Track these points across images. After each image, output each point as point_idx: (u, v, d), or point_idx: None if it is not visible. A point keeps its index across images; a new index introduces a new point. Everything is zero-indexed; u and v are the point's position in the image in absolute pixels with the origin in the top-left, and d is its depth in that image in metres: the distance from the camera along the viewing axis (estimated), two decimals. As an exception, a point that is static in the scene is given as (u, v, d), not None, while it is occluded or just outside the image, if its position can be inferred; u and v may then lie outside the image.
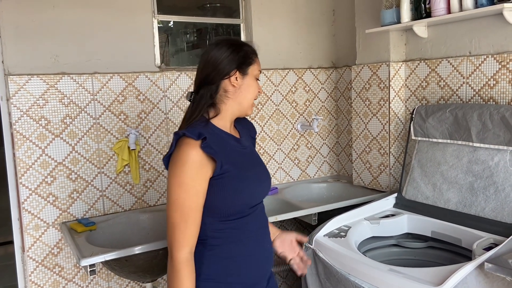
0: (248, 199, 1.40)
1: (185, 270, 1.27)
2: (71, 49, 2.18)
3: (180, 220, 1.26)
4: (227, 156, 1.33)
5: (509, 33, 1.96)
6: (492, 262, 1.47)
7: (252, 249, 1.43)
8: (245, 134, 1.53)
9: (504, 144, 1.87)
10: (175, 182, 1.26)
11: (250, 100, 1.42)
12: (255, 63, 1.43)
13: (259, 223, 1.47)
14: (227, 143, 1.38)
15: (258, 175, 1.45)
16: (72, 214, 2.24)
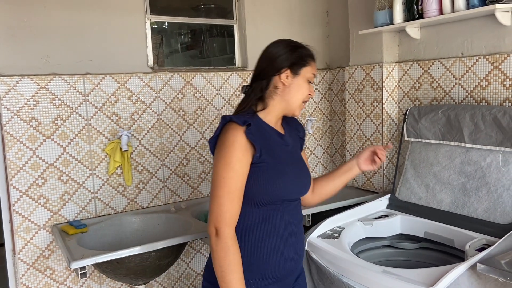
0: (281, 192, 1.41)
1: (235, 246, 1.31)
2: (63, 49, 2.16)
3: (226, 199, 1.30)
4: (267, 147, 1.38)
5: (501, 34, 1.97)
6: (484, 263, 1.46)
7: (279, 242, 1.43)
8: (292, 133, 1.55)
9: (496, 144, 1.87)
10: (222, 162, 1.31)
11: (298, 101, 1.44)
12: (309, 65, 1.46)
13: (291, 220, 1.46)
14: (270, 136, 1.43)
15: (296, 173, 1.47)
16: (64, 216, 2.21)
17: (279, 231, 1.43)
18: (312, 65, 1.46)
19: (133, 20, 2.33)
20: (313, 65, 1.47)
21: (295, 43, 1.48)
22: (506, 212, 1.81)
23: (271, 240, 1.42)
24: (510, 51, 1.95)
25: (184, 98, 2.49)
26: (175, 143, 2.49)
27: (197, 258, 2.61)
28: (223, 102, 2.62)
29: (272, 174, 1.38)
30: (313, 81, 1.47)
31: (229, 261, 1.29)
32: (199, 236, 1.97)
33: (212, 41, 3.04)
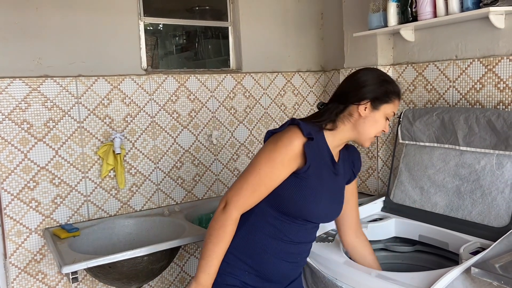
0: (307, 212, 1.40)
1: (230, 227, 1.35)
2: (55, 51, 2.14)
3: (250, 188, 1.34)
4: (316, 166, 1.38)
5: (495, 36, 1.97)
6: (478, 266, 1.46)
7: (281, 254, 1.45)
8: (346, 163, 1.55)
9: (490, 147, 1.87)
10: (267, 156, 1.34)
11: (370, 134, 1.43)
12: (391, 103, 1.44)
13: (301, 238, 1.48)
14: (323, 157, 1.42)
15: (330, 201, 1.46)
16: (56, 219, 2.19)
17: (287, 244, 1.45)
18: (395, 103, 1.44)
19: (126, 22, 2.32)
20: (396, 103, 1.45)
21: (385, 77, 1.45)
22: (500, 215, 1.81)
23: (276, 248, 1.44)
24: (504, 54, 1.95)
25: (178, 100, 2.47)
26: (169, 146, 2.47)
27: (191, 261, 2.59)
28: (218, 104, 2.61)
29: (309, 192, 1.38)
30: (391, 118, 1.46)
31: (219, 235, 1.34)
32: (193, 240, 1.95)
33: (207, 43, 3.03)
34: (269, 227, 1.42)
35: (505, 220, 1.79)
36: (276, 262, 1.45)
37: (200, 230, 2.05)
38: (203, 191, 2.61)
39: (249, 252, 1.43)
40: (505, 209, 1.80)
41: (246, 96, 2.69)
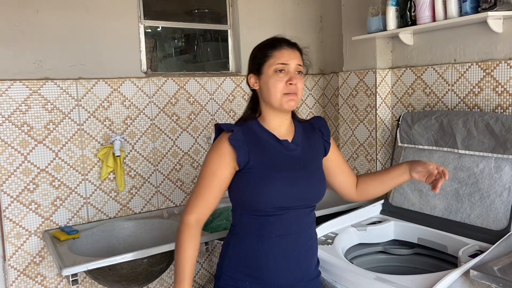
0: (269, 199, 1.39)
1: (187, 232, 1.40)
2: (55, 54, 2.15)
3: (196, 192, 1.42)
4: (257, 154, 1.40)
5: (493, 41, 1.98)
6: (477, 269, 1.47)
7: (274, 250, 1.42)
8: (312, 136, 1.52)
9: (489, 151, 1.88)
10: (204, 162, 1.45)
11: (276, 96, 1.38)
12: (270, 58, 1.40)
13: (288, 229, 1.43)
14: (264, 142, 1.43)
15: (292, 179, 1.41)
16: (55, 222, 2.19)
17: (272, 239, 1.41)
18: (274, 56, 1.39)
19: (126, 25, 2.32)
20: (276, 54, 1.39)
21: (258, 45, 1.46)
22: (499, 218, 1.82)
23: (265, 246, 1.42)
24: (502, 58, 1.96)
25: (178, 103, 2.48)
26: (168, 148, 2.48)
27: (190, 264, 2.59)
28: (217, 107, 2.61)
29: (259, 181, 1.38)
30: (287, 68, 1.37)
31: (177, 242, 1.42)
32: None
33: (206, 46, 3.04)
34: (250, 229, 1.43)
35: (503, 223, 1.80)
36: (272, 258, 1.42)
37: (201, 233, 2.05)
38: (203, 194, 2.61)
39: (243, 260, 1.44)
40: (503, 212, 1.81)
41: (245, 98, 2.70)
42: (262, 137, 1.44)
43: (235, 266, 1.45)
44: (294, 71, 1.39)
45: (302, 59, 1.44)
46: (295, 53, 1.42)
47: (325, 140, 1.54)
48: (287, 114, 1.46)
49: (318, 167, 1.51)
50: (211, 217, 2.42)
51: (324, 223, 2.03)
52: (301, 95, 1.42)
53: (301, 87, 1.41)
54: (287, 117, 1.47)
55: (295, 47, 1.44)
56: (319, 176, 1.49)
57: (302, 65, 1.43)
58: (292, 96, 1.38)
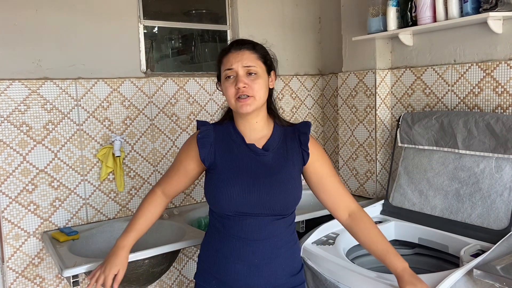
0: (229, 203, 1.38)
1: (146, 198, 1.57)
2: (55, 53, 2.13)
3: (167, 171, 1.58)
4: (223, 155, 1.42)
5: (493, 41, 1.99)
6: (480, 268, 1.47)
7: (233, 255, 1.41)
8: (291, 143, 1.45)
9: (489, 151, 1.89)
10: (177, 155, 1.56)
11: (230, 100, 1.39)
12: (222, 64, 1.40)
13: (248, 235, 1.40)
14: (233, 144, 1.43)
15: (252, 185, 1.37)
16: (54, 223, 2.17)
17: (234, 242, 1.40)
18: (223, 62, 1.39)
19: (126, 25, 2.31)
20: (224, 60, 1.39)
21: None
22: (500, 217, 1.83)
23: (226, 249, 1.42)
24: (502, 59, 1.97)
25: (177, 103, 2.47)
26: (168, 149, 2.46)
27: (189, 265, 2.58)
28: (216, 107, 2.61)
29: (219, 182, 1.39)
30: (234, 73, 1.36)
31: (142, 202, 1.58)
32: (195, 243, 1.94)
33: (204, 47, 3.03)
34: (215, 229, 1.46)
35: (504, 222, 1.81)
36: (231, 262, 1.41)
37: (201, 233, 2.04)
38: (201, 194, 2.60)
39: (209, 258, 1.47)
40: (504, 212, 1.82)
41: (245, 99, 2.70)
42: (232, 139, 1.43)
43: (205, 266, 1.49)
44: (244, 74, 1.36)
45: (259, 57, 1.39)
46: (242, 55, 1.37)
47: (302, 149, 1.45)
48: (255, 117, 1.41)
49: (288, 176, 1.42)
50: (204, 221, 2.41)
51: (325, 224, 2.03)
52: (260, 95, 1.36)
53: (258, 87, 1.36)
54: (257, 120, 1.42)
55: (245, 47, 1.39)
56: (286, 186, 1.40)
57: (257, 65, 1.37)
58: (243, 100, 1.35)
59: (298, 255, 1.53)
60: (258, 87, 1.36)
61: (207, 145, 1.43)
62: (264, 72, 1.40)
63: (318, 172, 1.48)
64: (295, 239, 1.51)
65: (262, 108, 1.42)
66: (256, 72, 1.37)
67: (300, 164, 1.45)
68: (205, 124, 1.48)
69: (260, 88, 1.37)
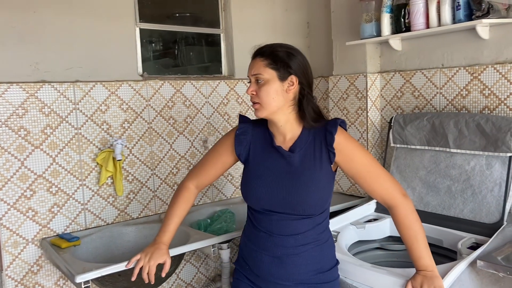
0: (256, 200, 1.49)
1: (181, 193, 1.63)
2: (52, 56, 2.09)
3: (201, 163, 1.64)
4: (256, 153, 1.52)
5: (480, 46, 2.12)
6: (483, 259, 1.57)
7: (259, 245, 1.51)
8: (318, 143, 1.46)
9: (480, 149, 2.01)
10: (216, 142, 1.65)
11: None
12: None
13: (273, 229, 1.48)
14: (265, 144, 1.51)
15: (273, 186, 1.44)
16: (52, 229, 2.12)
17: (262, 234, 1.50)
18: (249, 67, 1.47)
19: (123, 27, 2.30)
20: (250, 65, 1.47)
21: None
22: (491, 212, 1.94)
23: (254, 239, 1.53)
24: (488, 63, 2.10)
25: (174, 106, 2.47)
26: (165, 152, 2.46)
27: (187, 268, 2.58)
28: (212, 110, 2.63)
29: (249, 180, 1.51)
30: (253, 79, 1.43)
31: (172, 200, 1.65)
32: (203, 245, 1.96)
33: (188, 50, 3.03)
34: (249, 218, 1.58)
35: (496, 216, 1.93)
36: (258, 252, 1.51)
37: (206, 235, 2.06)
38: (198, 197, 2.61)
39: (244, 246, 1.59)
40: (495, 206, 1.94)
41: (238, 102, 2.73)
42: (266, 139, 1.52)
43: (241, 253, 1.61)
44: (254, 81, 1.44)
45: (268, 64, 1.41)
46: (254, 63, 1.45)
47: (328, 149, 1.45)
48: (278, 121, 1.46)
49: (312, 177, 1.44)
50: (209, 219, 2.42)
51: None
52: (266, 102, 1.41)
53: (263, 94, 1.40)
54: (281, 123, 1.46)
55: (259, 54, 1.45)
56: (309, 188, 1.43)
57: (263, 73, 1.40)
58: (254, 106, 1.46)
59: (329, 254, 1.55)
60: (263, 94, 1.41)
61: (243, 142, 1.53)
62: (274, 78, 1.41)
63: (348, 173, 1.50)
64: (326, 238, 1.54)
65: (282, 112, 1.44)
66: (263, 80, 1.41)
67: (328, 164, 1.47)
68: (246, 121, 1.57)
69: (266, 95, 1.40)
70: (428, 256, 1.48)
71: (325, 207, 1.51)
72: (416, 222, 1.51)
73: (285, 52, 1.44)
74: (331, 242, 1.57)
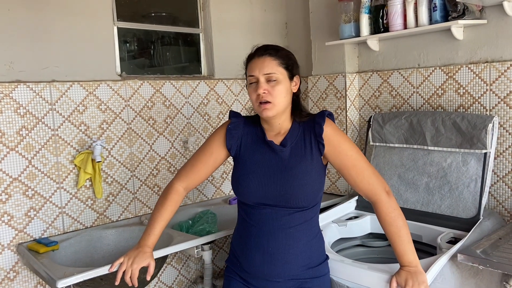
0: (248, 194, 1.49)
1: (169, 195, 1.58)
2: (27, 55, 2.02)
3: (191, 162, 1.60)
4: (247, 148, 1.52)
5: (455, 47, 2.19)
6: (463, 253, 1.62)
7: (250, 240, 1.51)
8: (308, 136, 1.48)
9: (456, 146, 2.07)
10: (206, 140, 1.63)
11: (253, 104, 1.49)
12: (247, 70, 1.50)
13: (264, 223, 1.49)
14: (256, 140, 1.52)
15: (269, 180, 1.47)
16: (29, 234, 2.05)
17: (252, 229, 1.51)
18: (248, 68, 1.47)
19: (101, 26, 2.25)
20: (249, 66, 1.46)
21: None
22: (468, 207, 2.00)
23: (245, 234, 1.54)
24: (463, 63, 2.17)
25: (154, 106, 2.44)
26: (145, 153, 2.42)
27: (168, 271, 2.54)
28: (192, 111, 2.60)
29: (241, 174, 1.52)
30: (255, 79, 1.42)
31: (159, 201, 1.60)
32: (187, 246, 1.93)
33: (165, 50, 3.00)
34: (241, 215, 1.58)
35: (473, 211, 1.99)
36: (249, 249, 1.51)
37: (190, 236, 2.04)
38: (178, 198, 2.58)
39: (236, 243, 1.59)
40: (471, 202, 2.00)
41: (219, 102, 2.72)
42: (258, 134, 1.54)
43: (233, 250, 1.61)
44: (264, 81, 1.42)
45: (280, 64, 1.43)
46: (264, 61, 1.43)
47: (318, 140, 1.48)
48: (278, 120, 1.48)
49: (304, 170, 1.46)
50: (191, 221, 2.40)
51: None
52: (279, 101, 1.42)
53: (277, 93, 1.42)
54: (279, 122, 1.49)
55: (267, 53, 1.45)
56: (301, 180, 1.45)
57: (277, 72, 1.42)
58: (263, 105, 1.42)
59: (319, 248, 1.57)
60: (277, 93, 1.42)
61: (235, 136, 1.54)
62: (286, 78, 1.46)
63: (334, 164, 1.51)
64: (316, 232, 1.56)
65: (285, 111, 1.49)
66: (276, 79, 1.43)
67: (318, 155, 1.49)
68: (237, 116, 1.58)
69: (280, 94, 1.43)
70: (412, 252, 1.51)
71: (317, 200, 1.54)
72: (399, 218, 1.53)
73: (287, 52, 1.50)
74: (320, 237, 1.59)
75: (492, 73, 2.06)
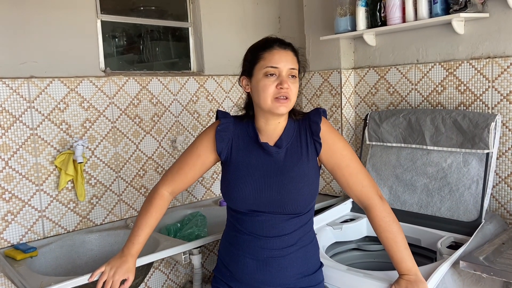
0: (242, 202, 1.39)
1: (155, 201, 1.48)
2: (3, 50, 1.90)
3: (177, 166, 1.50)
4: (239, 151, 1.41)
5: (455, 42, 2.09)
6: (466, 260, 1.53)
7: (243, 248, 1.42)
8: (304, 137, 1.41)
9: (457, 146, 1.97)
10: (192, 142, 1.51)
11: (266, 99, 1.33)
12: (261, 60, 1.35)
13: (259, 231, 1.39)
14: (248, 142, 1.41)
15: (264, 185, 1.37)
16: (6, 239, 1.94)
17: (246, 236, 1.42)
18: (265, 58, 1.34)
19: (83, 19, 2.13)
20: (267, 56, 1.34)
21: (251, 46, 1.45)
22: (469, 210, 1.92)
23: (237, 242, 1.43)
24: (464, 58, 2.08)
25: (140, 104, 2.32)
26: (131, 153, 2.31)
27: (156, 275, 2.44)
28: (181, 108, 2.49)
29: (232, 180, 1.40)
30: (278, 72, 1.32)
31: (143, 207, 1.50)
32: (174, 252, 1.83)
33: (154, 45, 2.89)
34: (230, 222, 1.49)
35: (474, 214, 1.90)
36: (241, 256, 1.42)
37: (177, 241, 1.93)
38: (167, 200, 2.47)
39: (225, 251, 1.49)
40: (473, 204, 1.91)
41: (209, 99, 2.61)
42: (250, 135, 1.43)
43: (222, 259, 1.51)
44: (287, 75, 1.34)
45: (297, 61, 1.40)
46: (288, 55, 1.36)
47: (314, 140, 1.41)
48: (279, 118, 1.40)
49: (301, 173, 1.39)
50: (179, 224, 2.30)
51: (304, 224, 2.01)
52: (294, 99, 1.36)
53: (295, 91, 1.36)
54: (280, 120, 1.41)
55: (289, 47, 1.39)
56: (298, 184, 1.38)
57: (297, 68, 1.38)
58: (282, 101, 1.32)
59: (314, 255, 1.49)
60: (295, 90, 1.37)
61: (225, 138, 1.42)
62: (298, 75, 1.41)
63: (327, 164, 1.44)
64: (311, 238, 1.48)
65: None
66: (295, 75, 1.38)
67: (315, 155, 1.42)
68: (226, 116, 1.46)
69: (296, 92, 1.39)
70: (410, 258, 1.43)
71: (312, 203, 1.46)
72: (394, 223, 1.46)
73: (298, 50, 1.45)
74: (315, 243, 1.51)
75: (495, 69, 1.97)
